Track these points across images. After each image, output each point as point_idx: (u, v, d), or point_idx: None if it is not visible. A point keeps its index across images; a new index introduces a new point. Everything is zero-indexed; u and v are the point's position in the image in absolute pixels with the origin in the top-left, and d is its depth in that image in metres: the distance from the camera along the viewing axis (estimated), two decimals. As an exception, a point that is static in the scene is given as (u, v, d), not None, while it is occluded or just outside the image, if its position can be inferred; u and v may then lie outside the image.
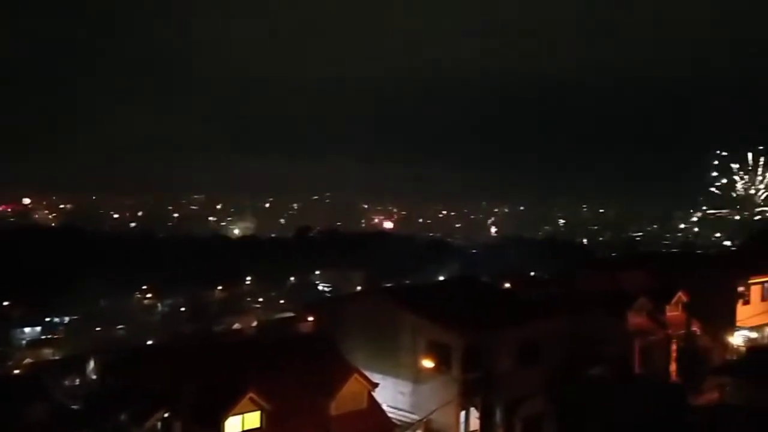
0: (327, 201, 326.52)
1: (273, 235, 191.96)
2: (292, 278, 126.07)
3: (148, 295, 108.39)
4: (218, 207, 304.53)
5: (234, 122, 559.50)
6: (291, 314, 72.03)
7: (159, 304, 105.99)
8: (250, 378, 26.26)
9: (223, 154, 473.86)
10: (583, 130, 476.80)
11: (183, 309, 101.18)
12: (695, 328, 44.42)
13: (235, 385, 25.72)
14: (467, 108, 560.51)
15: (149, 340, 72.99)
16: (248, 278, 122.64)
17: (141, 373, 27.23)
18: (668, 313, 45.38)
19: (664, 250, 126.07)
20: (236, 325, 79.27)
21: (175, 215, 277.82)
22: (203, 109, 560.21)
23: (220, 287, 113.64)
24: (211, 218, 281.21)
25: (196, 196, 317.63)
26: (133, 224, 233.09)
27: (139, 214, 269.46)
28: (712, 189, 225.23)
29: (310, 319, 46.84)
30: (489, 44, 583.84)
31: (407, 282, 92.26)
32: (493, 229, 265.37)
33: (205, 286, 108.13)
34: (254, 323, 77.48)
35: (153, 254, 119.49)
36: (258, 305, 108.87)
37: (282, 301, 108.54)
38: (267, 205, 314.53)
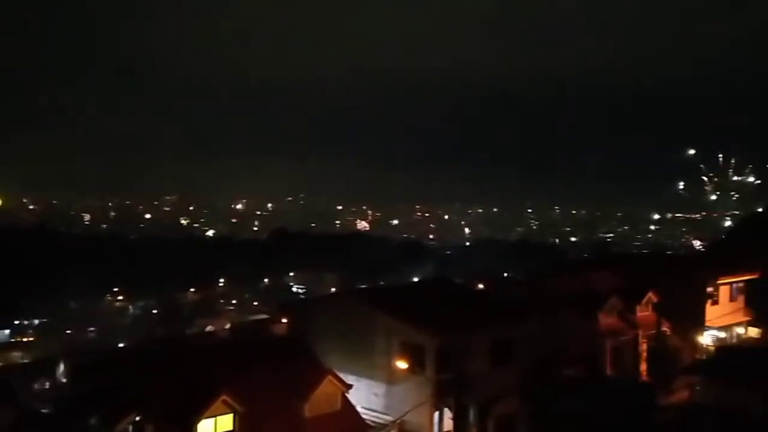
0: (301, 202, 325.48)
1: (247, 237, 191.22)
2: (265, 280, 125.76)
3: (120, 298, 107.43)
4: (191, 208, 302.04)
5: (206, 122, 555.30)
6: (265, 316, 71.57)
7: (130, 307, 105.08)
8: (222, 380, 26.10)
9: (196, 155, 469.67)
10: (556, 131, 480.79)
11: (155, 311, 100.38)
12: (665, 328, 45.06)
13: (208, 388, 25.54)
14: (441, 110, 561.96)
15: (120, 342, 72.24)
16: (221, 280, 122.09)
17: (112, 376, 26.93)
18: (639, 314, 45.96)
19: (634, 251, 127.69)
20: (209, 328, 78.67)
21: (147, 217, 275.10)
22: (175, 109, 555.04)
23: (192, 289, 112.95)
24: (183, 220, 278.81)
25: (168, 198, 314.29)
26: (104, 226, 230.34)
27: (111, 215, 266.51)
28: (682, 191, 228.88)
29: (284, 320, 46.63)
30: (462, 45, 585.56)
31: (381, 283, 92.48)
32: (467, 231, 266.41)
33: (177, 288, 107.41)
34: (227, 325, 76.94)
35: (124, 256, 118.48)
36: (231, 307, 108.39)
37: (255, 303, 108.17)
38: (240, 206, 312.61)
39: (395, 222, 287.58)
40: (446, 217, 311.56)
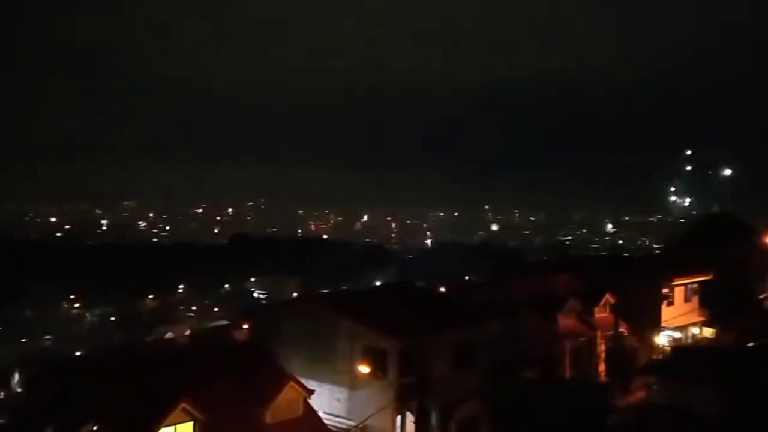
0: (262, 207, 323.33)
1: (207, 242, 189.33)
2: (226, 286, 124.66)
3: (76, 305, 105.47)
4: (150, 214, 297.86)
5: (165, 127, 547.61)
6: (225, 322, 70.95)
7: (88, 314, 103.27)
8: (182, 388, 25.79)
9: (154, 160, 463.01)
10: (516, 136, 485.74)
11: (113, 318, 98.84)
12: (623, 329, 45.86)
13: (167, 395, 25.22)
14: (403, 114, 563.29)
15: (77, 350, 70.96)
16: (181, 286, 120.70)
17: (69, 384, 26.42)
18: (597, 315, 46.71)
19: (592, 254, 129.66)
20: (169, 335, 77.74)
21: (105, 222, 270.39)
22: (133, 114, 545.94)
23: (151, 296, 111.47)
24: (142, 225, 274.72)
25: (126, 203, 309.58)
26: (59, 234, 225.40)
27: (67, 224, 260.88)
28: (639, 193, 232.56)
29: (245, 327, 46.27)
30: (429, 50, 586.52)
31: (344, 288, 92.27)
32: (429, 235, 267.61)
33: (136, 295, 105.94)
34: (187, 332, 76.09)
35: (82, 263, 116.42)
36: (191, 314, 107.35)
37: (216, 309, 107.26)
38: (200, 211, 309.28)
39: (357, 226, 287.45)
40: (408, 221, 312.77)
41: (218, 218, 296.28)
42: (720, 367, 32.77)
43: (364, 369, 31.22)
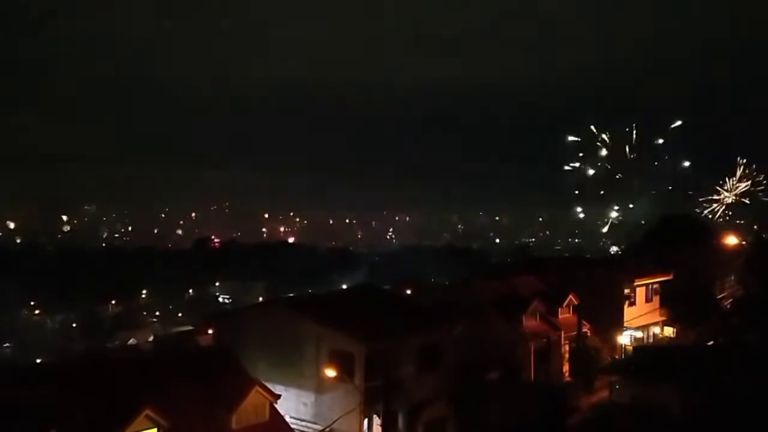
0: (227, 210, 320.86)
1: (170, 247, 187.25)
2: (190, 291, 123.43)
3: (37, 311, 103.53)
4: (112, 217, 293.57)
5: (125, 128, 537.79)
6: (189, 328, 70.28)
7: (48, 321, 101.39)
8: (145, 394, 25.47)
9: (115, 163, 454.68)
10: (480, 140, 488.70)
11: (74, 325, 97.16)
12: (586, 329, 46.48)
13: (130, 402, 24.89)
14: (367, 117, 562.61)
15: (38, 358, 69.60)
16: (144, 292, 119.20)
17: (29, 392, 25.90)
18: (560, 316, 47.36)
19: (555, 256, 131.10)
20: (132, 341, 76.71)
21: (65, 228, 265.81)
22: (92, 115, 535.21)
23: (113, 302, 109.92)
24: (103, 230, 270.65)
25: (87, 207, 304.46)
26: (18, 240, 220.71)
27: (26, 229, 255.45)
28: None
29: (210, 332, 45.94)
30: (387, 54, 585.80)
31: (309, 291, 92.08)
32: (394, 238, 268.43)
33: (97, 301, 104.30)
34: (151, 338, 75.20)
35: (41, 268, 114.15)
36: (155, 319, 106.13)
37: (180, 315, 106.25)
38: (162, 215, 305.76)
39: (323, 229, 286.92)
40: (374, 224, 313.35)
41: (181, 222, 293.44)
42: (680, 367, 33.40)
43: (330, 373, 31.17)
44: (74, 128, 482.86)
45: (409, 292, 59.99)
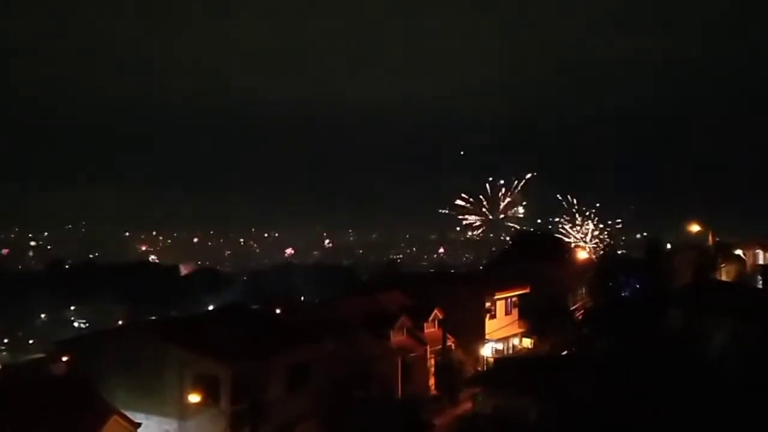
0: (83, 230, 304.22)
1: (20, 269, 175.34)
2: (42, 316, 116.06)
3: None
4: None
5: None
6: (42, 355, 65.82)
7: None
8: (-9, 430, 23.70)
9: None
10: (353, 158, 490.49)
11: None
12: (450, 342, 47.86)
13: (-27, 440, 23.08)
14: (238, 134, 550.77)
15: None
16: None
17: None
18: (426, 330, 48.48)
19: (421, 271, 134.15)
20: (-24, 371, 70.73)
21: None
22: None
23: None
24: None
25: None
26: None
27: None
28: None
29: (64, 359, 43.29)
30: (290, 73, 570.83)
31: (172, 314, 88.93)
32: (262, 256, 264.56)
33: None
34: (-2, 368, 69.78)
35: None
36: (3, 347, 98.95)
37: (31, 342, 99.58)
38: (12, 235, 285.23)
39: (189, 248, 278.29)
40: (242, 241, 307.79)
41: (32, 244, 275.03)
42: (536, 377, 34.93)
43: (194, 398, 30.32)
44: None
45: (278, 311, 59.24)
